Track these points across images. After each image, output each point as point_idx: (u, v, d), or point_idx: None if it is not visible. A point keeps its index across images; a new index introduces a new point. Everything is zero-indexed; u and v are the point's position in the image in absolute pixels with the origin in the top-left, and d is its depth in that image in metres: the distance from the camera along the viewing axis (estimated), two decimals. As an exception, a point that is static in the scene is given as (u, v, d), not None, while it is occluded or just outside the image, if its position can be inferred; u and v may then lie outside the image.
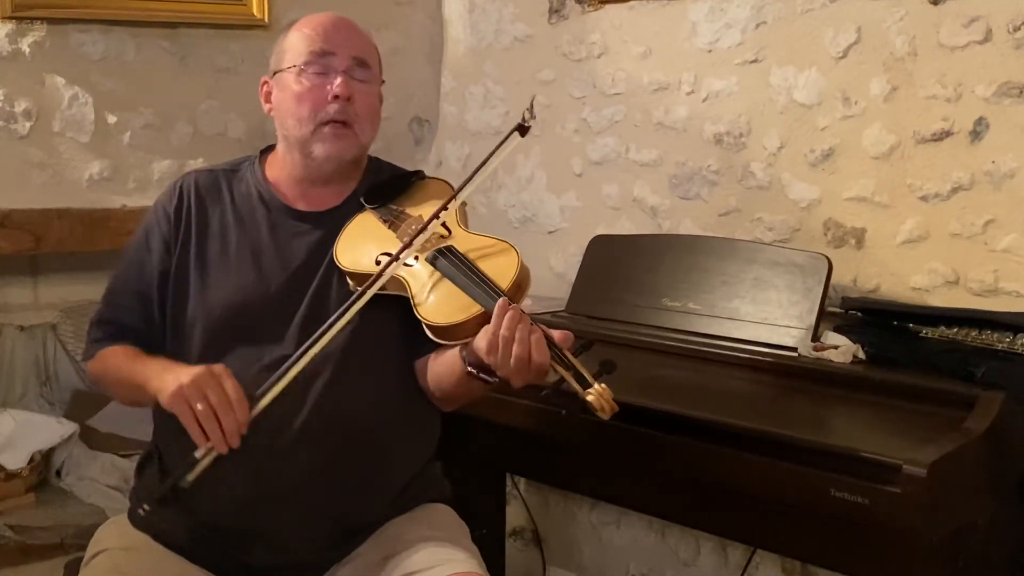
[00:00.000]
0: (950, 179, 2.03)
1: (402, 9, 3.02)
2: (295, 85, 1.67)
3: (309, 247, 1.68)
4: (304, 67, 1.66)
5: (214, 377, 1.46)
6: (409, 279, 1.58)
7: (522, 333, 1.41)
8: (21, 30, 2.48)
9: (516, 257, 1.55)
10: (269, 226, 1.70)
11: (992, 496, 1.59)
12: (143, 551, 1.60)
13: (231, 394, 1.45)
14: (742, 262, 2.03)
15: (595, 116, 2.65)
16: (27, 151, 2.52)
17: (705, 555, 2.52)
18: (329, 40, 1.68)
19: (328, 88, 1.65)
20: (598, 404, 1.37)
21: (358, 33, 1.74)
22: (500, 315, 1.43)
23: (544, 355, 1.41)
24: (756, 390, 1.82)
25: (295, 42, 1.70)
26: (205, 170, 1.79)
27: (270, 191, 1.73)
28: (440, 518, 1.69)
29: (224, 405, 1.44)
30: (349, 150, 1.68)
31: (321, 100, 1.65)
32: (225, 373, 1.47)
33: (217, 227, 1.70)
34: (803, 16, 2.23)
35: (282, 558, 1.59)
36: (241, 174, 1.77)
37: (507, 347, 1.41)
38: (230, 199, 1.73)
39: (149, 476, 1.69)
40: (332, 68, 1.66)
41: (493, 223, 2.91)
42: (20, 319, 2.66)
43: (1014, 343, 1.73)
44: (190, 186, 1.74)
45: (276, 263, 1.67)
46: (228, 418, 1.43)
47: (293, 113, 1.67)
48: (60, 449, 2.57)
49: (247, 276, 1.66)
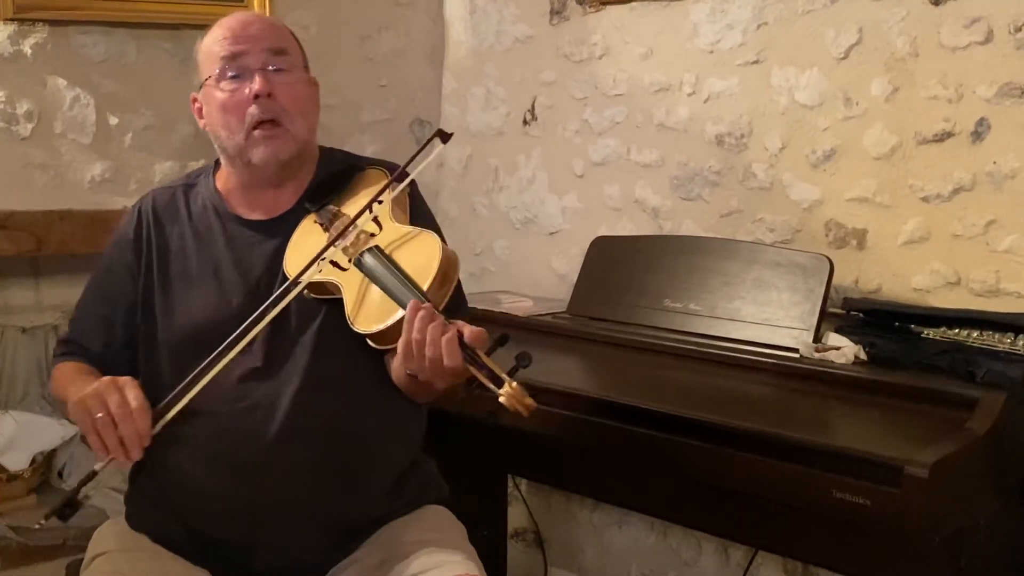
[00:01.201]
0: (951, 180, 2.03)
1: (403, 10, 3.02)
2: (217, 95, 1.62)
3: (265, 257, 1.64)
4: (220, 75, 1.62)
5: (116, 387, 1.44)
6: (342, 283, 1.54)
7: (433, 334, 1.37)
8: (23, 31, 2.48)
9: (438, 248, 1.50)
10: (226, 239, 1.67)
11: (994, 497, 1.59)
12: (143, 552, 1.60)
13: (132, 403, 1.43)
14: (743, 263, 2.03)
15: (596, 117, 2.65)
16: (29, 152, 2.52)
17: (707, 556, 2.52)
18: (237, 40, 1.63)
19: (248, 90, 1.60)
20: (511, 405, 1.31)
21: (267, 24, 1.68)
22: (411, 318, 1.39)
23: (456, 358, 1.35)
24: (757, 391, 1.82)
25: (208, 51, 1.66)
26: (164, 188, 1.77)
27: (223, 203, 1.70)
28: (437, 520, 1.69)
29: (123, 414, 1.42)
30: (285, 149, 1.63)
31: (243, 104, 1.60)
32: (130, 383, 1.46)
33: (177, 246, 1.68)
34: (804, 17, 2.23)
35: (282, 561, 1.58)
36: (197, 189, 1.74)
37: (420, 350, 1.38)
38: (187, 216, 1.70)
39: (142, 483, 1.68)
40: (247, 68, 1.62)
41: (494, 224, 2.91)
42: (22, 320, 2.66)
43: (1015, 344, 1.73)
44: (148, 209, 1.72)
45: (236, 276, 1.64)
46: (127, 426, 1.42)
47: (222, 124, 1.63)
48: (61, 451, 2.57)
49: (208, 293, 1.63)
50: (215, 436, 1.55)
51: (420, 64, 3.05)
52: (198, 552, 1.60)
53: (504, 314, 2.33)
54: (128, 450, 1.42)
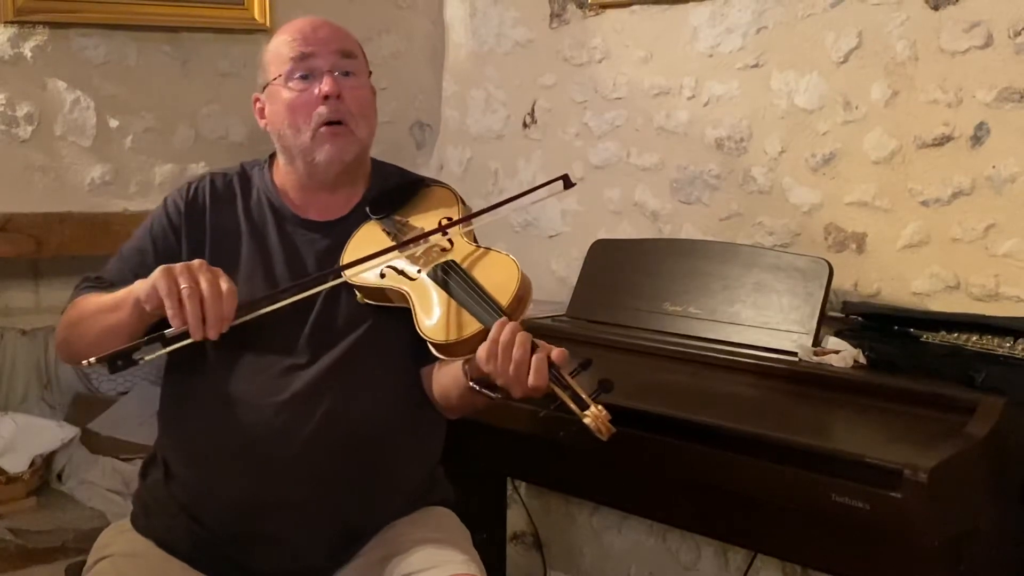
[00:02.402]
0: (951, 184, 2.03)
1: (403, 13, 3.02)
2: (285, 94, 1.66)
3: (318, 257, 1.67)
4: (289, 74, 1.66)
5: (209, 268, 1.45)
6: (411, 292, 1.57)
7: (521, 353, 1.40)
8: (23, 34, 2.48)
9: (517, 272, 1.54)
10: (279, 234, 1.69)
11: (993, 501, 1.59)
12: (147, 557, 1.60)
13: (223, 285, 1.43)
14: (743, 266, 2.03)
15: (596, 120, 2.65)
16: (29, 155, 2.52)
17: (706, 559, 2.52)
18: (308, 42, 1.66)
19: (317, 91, 1.64)
20: (595, 427, 1.36)
21: (336, 28, 1.72)
22: (499, 328, 1.43)
23: (543, 377, 1.39)
24: (757, 395, 1.82)
25: (276, 52, 1.69)
26: (220, 173, 1.78)
27: (280, 199, 1.72)
28: (442, 521, 1.70)
29: (215, 293, 1.42)
30: (349, 149, 1.66)
31: (312, 104, 1.64)
32: (221, 271, 1.46)
33: (231, 231, 1.70)
34: (804, 21, 2.24)
35: (285, 563, 1.59)
36: (252, 180, 1.76)
37: (506, 352, 1.41)
38: (243, 205, 1.72)
39: (153, 480, 1.69)
40: (317, 69, 1.65)
41: (495, 227, 2.90)
42: (21, 323, 2.66)
43: (1015, 348, 1.73)
44: (205, 187, 1.73)
45: (286, 272, 1.66)
46: (214, 304, 1.41)
47: (289, 123, 1.66)
48: (61, 453, 2.57)
49: (258, 285, 1.65)
50: (247, 428, 1.56)
51: (420, 67, 3.05)
52: (202, 555, 1.60)
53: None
54: (208, 327, 1.41)
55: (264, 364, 1.59)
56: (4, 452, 2.43)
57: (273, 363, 1.59)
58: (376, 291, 1.61)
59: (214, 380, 1.60)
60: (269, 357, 1.60)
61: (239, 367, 1.59)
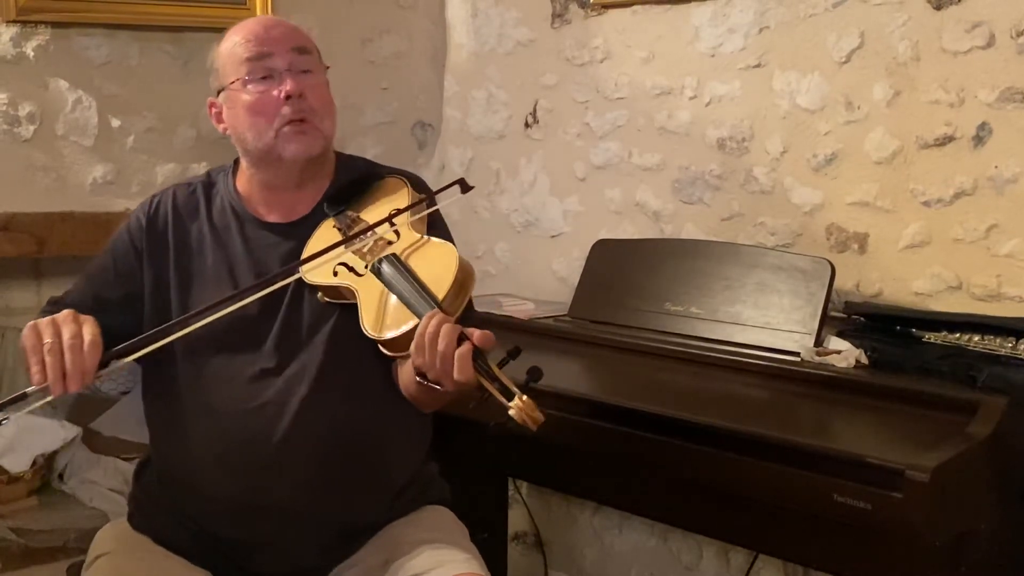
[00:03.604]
0: (953, 184, 2.03)
1: (405, 13, 3.02)
2: (244, 97, 1.63)
3: (281, 259, 1.65)
4: (247, 77, 1.63)
5: (74, 319, 1.43)
6: (358, 289, 1.56)
7: (446, 346, 1.38)
8: (25, 33, 2.48)
9: (454, 259, 1.52)
10: (242, 239, 1.68)
11: (995, 501, 1.59)
12: (144, 553, 1.61)
13: (86, 337, 1.41)
14: (745, 267, 2.03)
15: (598, 120, 2.65)
16: (31, 154, 2.52)
17: (707, 560, 2.52)
18: (263, 42, 1.64)
19: (277, 91, 1.61)
20: (520, 419, 1.34)
21: (288, 26, 1.69)
22: (424, 326, 1.41)
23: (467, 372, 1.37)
24: (758, 395, 1.82)
25: (230, 54, 1.65)
26: (183, 184, 1.76)
27: (242, 204, 1.70)
28: (439, 520, 1.69)
29: (75, 346, 1.39)
30: (314, 145, 1.64)
31: (274, 104, 1.61)
32: (90, 320, 1.44)
33: (195, 244, 1.68)
34: (806, 21, 2.24)
35: (283, 564, 1.59)
36: (217, 187, 1.74)
37: (431, 358, 1.39)
38: (207, 214, 1.71)
39: (147, 481, 1.69)
40: (275, 69, 1.63)
41: (496, 227, 2.91)
42: (23, 322, 2.59)
43: (1016, 348, 1.73)
44: (167, 203, 1.72)
45: (250, 277, 1.64)
46: (74, 358, 1.39)
47: (250, 126, 1.63)
48: (62, 452, 2.57)
49: (223, 292, 1.62)
50: (223, 435, 1.56)
51: (422, 67, 3.05)
52: (200, 552, 1.60)
53: (505, 317, 2.33)
54: (68, 382, 1.39)
55: (234, 370, 1.58)
56: (6, 452, 2.43)
57: (243, 369, 1.58)
58: (332, 289, 1.59)
59: (187, 389, 1.60)
60: (238, 363, 1.59)
61: (209, 375, 1.59)
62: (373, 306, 1.53)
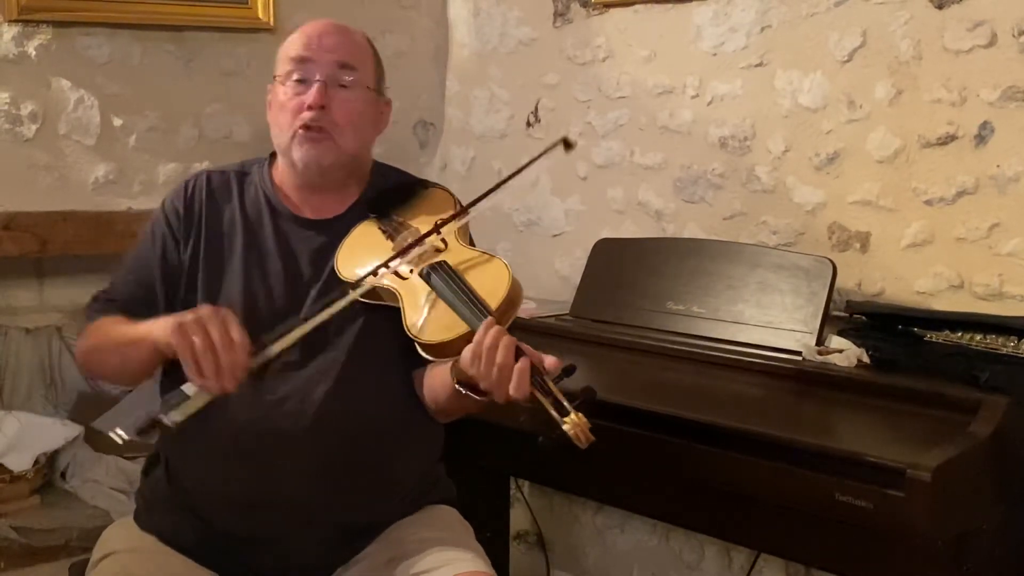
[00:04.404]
0: (955, 183, 2.03)
1: (407, 13, 3.03)
2: (280, 93, 1.67)
3: (312, 254, 1.67)
4: (285, 76, 1.67)
5: (218, 316, 1.43)
6: (402, 292, 1.57)
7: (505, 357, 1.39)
8: (27, 33, 2.49)
9: (508, 276, 1.54)
10: (275, 231, 1.70)
11: (997, 500, 1.59)
12: (150, 553, 1.60)
13: (234, 335, 1.42)
14: (747, 266, 2.03)
15: (600, 120, 2.65)
16: (33, 154, 2.53)
17: (709, 559, 2.52)
18: (310, 47, 1.66)
19: (304, 98, 1.64)
20: (574, 434, 1.35)
21: (344, 38, 1.70)
22: (484, 331, 1.42)
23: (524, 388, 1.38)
24: (760, 394, 1.82)
25: (285, 49, 1.70)
26: (217, 170, 1.78)
27: (277, 197, 1.73)
28: (445, 519, 1.70)
29: (225, 343, 1.40)
30: (326, 155, 1.65)
31: (298, 108, 1.64)
32: (230, 316, 1.45)
33: (226, 228, 1.70)
34: (808, 20, 2.23)
35: (288, 561, 1.59)
36: (251, 177, 1.76)
37: (490, 355, 1.40)
38: (239, 201, 1.73)
39: (155, 477, 1.69)
40: (311, 76, 1.65)
41: (497, 226, 2.91)
42: (25, 321, 2.66)
43: (1019, 347, 1.73)
44: (201, 184, 1.74)
45: (280, 269, 1.66)
46: (227, 355, 1.40)
47: (275, 122, 1.68)
48: (65, 451, 2.57)
49: (252, 281, 1.65)
50: (241, 427, 1.56)
51: (424, 66, 3.05)
52: (206, 551, 1.60)
53: (507, 316, 2.32)
54: (224, 380, 1.40)
55: None
56: (8, 451, 2.43)
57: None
58: (368, 290, 1.60)
59: None
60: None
61: None
62: (418, 309, 1.54)
